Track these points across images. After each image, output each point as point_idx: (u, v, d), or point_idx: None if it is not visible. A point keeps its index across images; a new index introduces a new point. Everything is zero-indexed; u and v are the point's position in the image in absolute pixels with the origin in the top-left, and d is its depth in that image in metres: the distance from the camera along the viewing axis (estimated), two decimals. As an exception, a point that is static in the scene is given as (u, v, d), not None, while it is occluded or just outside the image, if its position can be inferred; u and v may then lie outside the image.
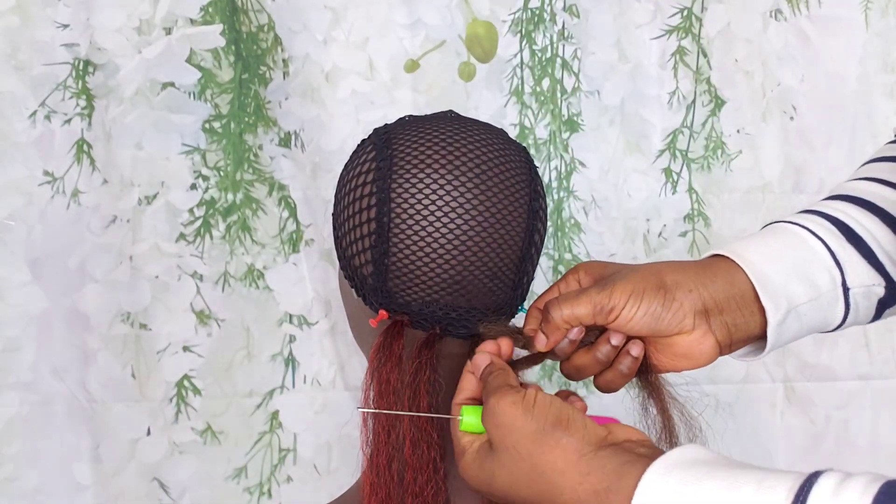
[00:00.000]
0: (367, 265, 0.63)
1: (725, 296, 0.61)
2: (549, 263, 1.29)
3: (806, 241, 0.64)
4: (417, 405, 0.60)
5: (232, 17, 1.18)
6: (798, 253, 0.63)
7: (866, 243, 0.64)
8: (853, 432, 1.36)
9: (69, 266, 1.17)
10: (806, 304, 0.62)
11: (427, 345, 0.62)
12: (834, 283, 0.63)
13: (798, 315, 0.62)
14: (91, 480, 1.18)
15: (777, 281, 0.61)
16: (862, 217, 0.66)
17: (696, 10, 1.30)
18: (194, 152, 1.19)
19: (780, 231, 0.66)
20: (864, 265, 0.64)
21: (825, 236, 0.64)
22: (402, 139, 0.63)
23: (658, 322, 0.60)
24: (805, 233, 0.65)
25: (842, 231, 0.65)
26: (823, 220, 0.66)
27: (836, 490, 0.42)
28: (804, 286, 0.62)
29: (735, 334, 0.61)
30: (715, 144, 1.32)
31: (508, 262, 0.63)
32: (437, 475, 0.60)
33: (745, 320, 0.61)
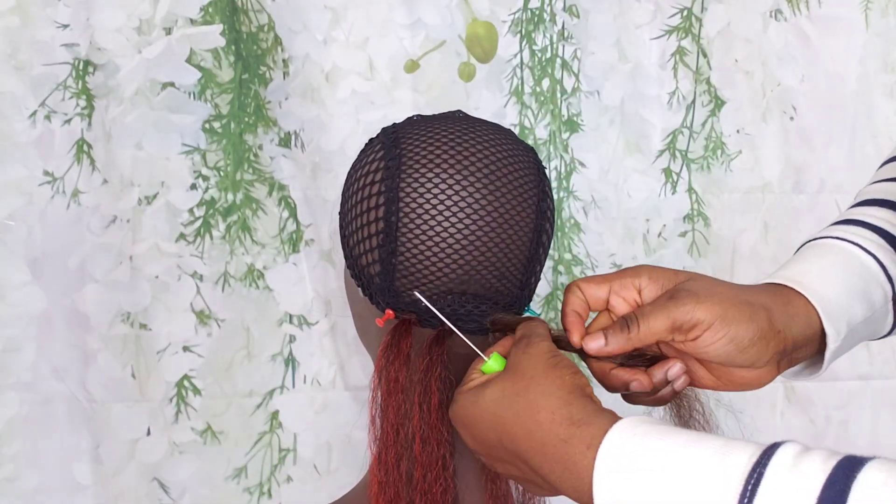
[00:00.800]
0: (375, 264, 0.62)
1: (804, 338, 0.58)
2: (549, 263, 1.29)
3: (860, 260, 0.62)
4: (429, 402, 0.60)
5: (232, 17, 1.18)
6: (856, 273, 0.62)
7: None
8: (853, 432, 1.36)
9: (69, 266, 1.17)
10: (862, 323, 0.61)
11: (437, 342, 0.62)
12: (886, 298, 0.62)
13: (853, 332, 0.60)
14: (91, 480, 1.18)
15: (839, 306, 0.59)
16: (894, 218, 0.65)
17: (696, 11, 1.30)
18: (194, 152, 1.19)
19: (833, 250, 0.63)
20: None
21: (876, 252, 0.63)
22: (410, 139, 0.62)
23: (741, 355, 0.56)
24: (857, 250, 0.63)
25: (888, 241, 0.64)
26: (867, 230, 0.64)
27: (795, 460, 0.42)
28: (862, 305, 0.60)
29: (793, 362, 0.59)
30: (715, 144, 1.32)
31: (516, 261, 0.62)
32: (447, 472, 0.60)
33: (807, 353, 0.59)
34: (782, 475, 0.42)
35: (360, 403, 1.24)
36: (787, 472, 0.42)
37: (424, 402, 0.60)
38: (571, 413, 0.51)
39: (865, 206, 0.67)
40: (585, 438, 0.49)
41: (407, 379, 0.61)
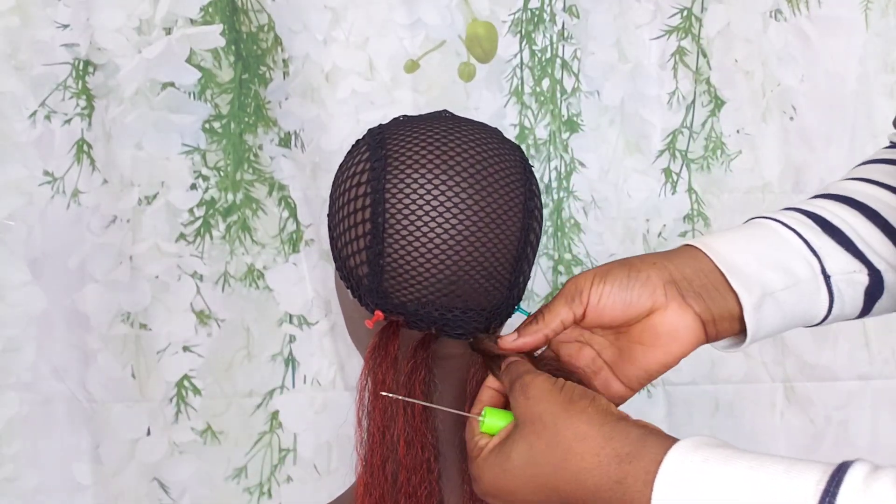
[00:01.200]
0: (363, 266, 0.62)
1: (692, 269, 0.60)
2: (549, 263, 1.29)
3: (777, 232, 0.63)
4: (413, 406, 0.60)
5: (232, 17, 1.18)
6: (769, 243, 0.63)
7: (843, 233, 0.64)
8: (853, 432, 1.36)
9: (69, 266, 1.17)
10: (784, 291, 0.61)
11: (423, 345, 0.62)
12: (813, 272, 0.62)
13: (777, 302, 0.61)
14: (91, 480, 1.18)
15: (747, 269, 0.60)
16: (840, 211, 0.66)
17: (695, 11, 1.30)
18: (194, 152, 1.19)
19: (752, 225, 0.66)
20: (842, 252, 0.63)
21: (798, 227, 0.64)
22: (396, 139, 0.62)
23: (627, 294, 0.58)
24: (777, 224, 0.64)
25: (817, 223, 0.64)
26: (799, 213, 0.66)
27: (866, 481, 0.42)
28: (779, 273, 0.61)
29: (713, 308, 0.59)
30: (715, 144, 1.32)
31: (504, 261, 0.62)
32: (431, 475, 0.60)
33: (720, 295, 0.59)
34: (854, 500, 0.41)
35: (360, 403, 1.24)
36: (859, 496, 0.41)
37: (409, 406, 0.61)
38: (616, 449, 0.50)
39: (813, 198, 0.68)
40: (640, 475, 0.48)
41: (394, 381, 0.61)
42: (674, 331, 0.59)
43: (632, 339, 0.61)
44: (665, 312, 0.59)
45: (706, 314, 0.59)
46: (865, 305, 0.65)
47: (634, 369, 0.61)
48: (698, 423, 1.33)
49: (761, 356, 1.33)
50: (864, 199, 0.66)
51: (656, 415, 1.32)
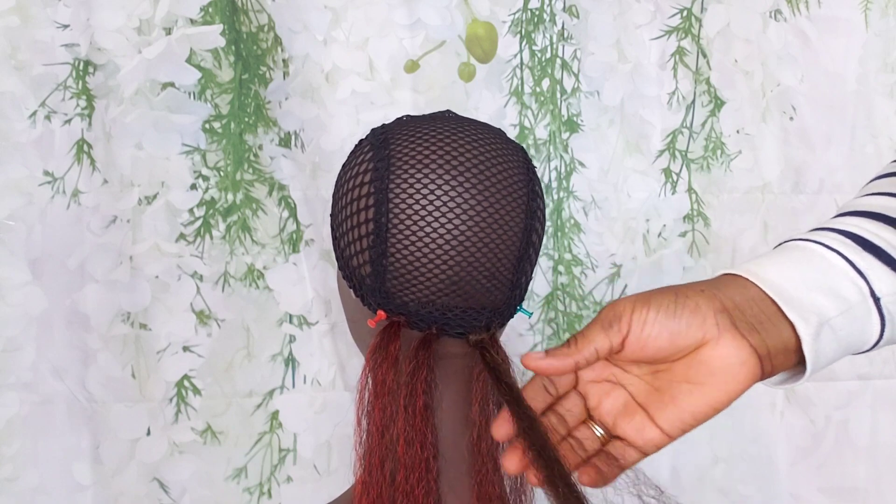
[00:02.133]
0: (366, 265, 0.62)
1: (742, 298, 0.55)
2: (549, 263, 1.29)
3: (821, 255, 0.59)
4: (414, 405, 0.60)
5: (232, 17, 1.18)
6: (816, 266, 0.58)
7: (885, 252, 0.59)
8: (853, 432, 1.36)
9: (69, 266, 1.17)
10: (838, 318, 0.56)
11: (424, 345, 0.62)
12: (862, 294, 0.57)
13: (833, 330, 0.56)
14: (91, 480, 1.19)
15: (799, 295, 0.56)
16: (876, 228, 0.61)
17: (695, 11, 1.30)
18: (194, 152, 1.19)
19: (789, 248, 0.60)
20: (888, 272, 0.58)
21: (840, 248, 0.59)
22: (399, 139, 0.62)
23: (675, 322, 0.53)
24: (819, 247, 0.59)
25: (857, 242, 0.60)
26: (836, 234, 0.61)
27: None
28: (831, 299, 0.56)
29: (769, 340, 0.54)
30: (714, 145, 1.32)
31: (506, 261, 0.62)
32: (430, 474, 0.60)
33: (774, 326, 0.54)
34: None
35: (360, 403, 1.24)
36: None
37: (409, 405, 0.60)
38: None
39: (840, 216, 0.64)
40: None
41: (394, 381, 0.61)
42: (728, 366, 0.53)
43: (675, 376, 0.55)
44: (717, 345, 0.53)
45: (762, 347, 0.54)
46: None
47: (678, 412, 0.55)
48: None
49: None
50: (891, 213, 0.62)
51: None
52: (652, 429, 0.56)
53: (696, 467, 1.32)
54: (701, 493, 1.33)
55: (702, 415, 0.55)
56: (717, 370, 0.53)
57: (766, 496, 1.34)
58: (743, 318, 0.54)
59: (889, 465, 1.37)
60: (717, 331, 0.53)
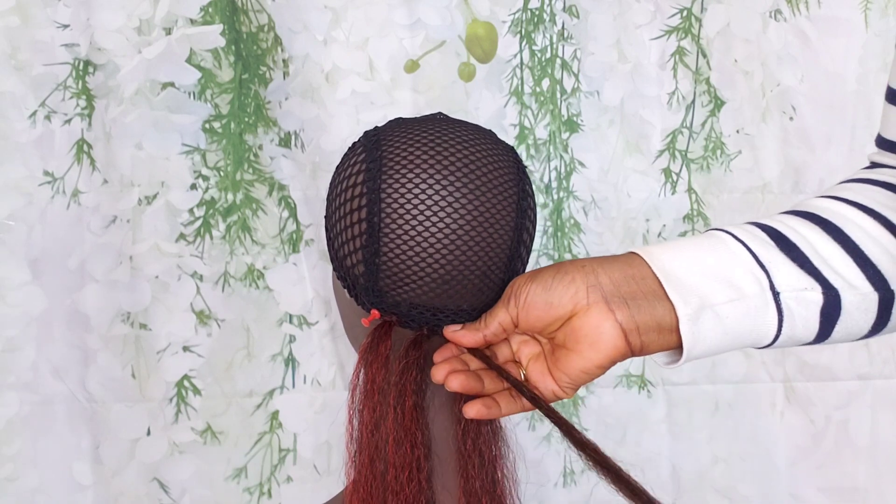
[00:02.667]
0: (359, 265, 0.63)
1: (622, 275, 0.59)
2: (549, 263, 1.29)
3: (725, 243, 0.61)
4: (403, 405, 0.61)
5: (232, 17, 1.18)
6: (716, 254, 0.60)
7: (798, 248, 0.60)
8: (853, 432, 1.36)
9: (69, 266, 1.17)
10: (726, 305, 0.58)
11: (415, 345, 0.63)
12: (761, 287, 0.58)
13: (717, 316, 0.57)
14: (91, 480, 1.19)
15: (687, 279, 0.58)
16: (800, 226, 0.62)
17: (695, 11, 1.30)
18: (194, 152, 1.19)
19: (702, 236, 0.63)
20: (794, 268, 0.59)
21: (747, 240, 0.60)
22: (391, 141, 0.63)
23: (549, 294, 0.59)
24: (727, 236, 0.61)
25: (771, 236, 0.61)
26: (754, 227, 0.62)
27: None
28: (722, 286, 0.58)
29: (638, 316, 0.57)
30: (714, 145, 1.32)
31: (497, 260, 0.63)
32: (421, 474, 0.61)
33: (649, 303, 0.57)
34: None
35: (360, 403, 1.24)
36: None
37: (399, 405, 0.61)
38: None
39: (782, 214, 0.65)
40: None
41: (384, 381, 0.62)
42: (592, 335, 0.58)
43: (558, 341, 0.61)
44: (585, 315, 0.58)
45: (629, 322, 0.57)
46: (822, 327, 0.60)
47: (561, 374, 0.60)
48: (698, 423, 1.33)
49: (761, 356, 1.33)
50: (829, 217, 0.63)
51: (656, 415, 1.32)
52: (549, 380, 0.61)
53: (696, 467, 1.33)
54: (701, 494, 1.33)
55: (577, 378, 0.60)
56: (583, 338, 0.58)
57: (766, 496, 1.34)
58: (616, 294, 0.58)
59: (889, 465, 1.37)
60: (586, 303, 0.58)
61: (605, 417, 1.31)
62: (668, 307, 0.57)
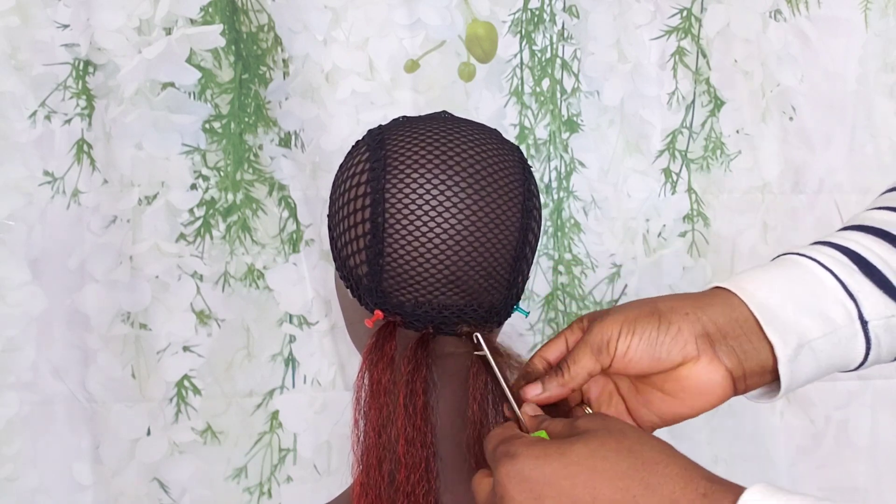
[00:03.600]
0: (363, 265, 0.63)
1: (726, 320, 0.57)
2: (549, 263, 1.29)
3: (814, 273, 0.59)
4: (414, 404, 0.61)
5: (232, 17, 1.18)
6: (806, 286, 0.58)
7: (881, 272, 0.59)
8: (853, 432, 1.36)
9: (69, 266, 1.17)
10: (820, 340, 0.57)
11: (422, 344, 0.63)
12: (850, 317, 0.58)
13: (813, 351, 0.57)
14: (91, 480, 1.18)
15: (783, 315, 0.57)
16: (876, 246, 0.61)
17: (695, 11, 1.30)
18: (194, 152, 1.19)
19: (787, 263, 0.61)
20: (880, 295, 0.58)
21: (834, 267, 0.59)
22: (395, 140, 0.63)
23: (657, 349, 0.56)
24: (813, 264, 0.59)
25: (853, 261, 0.60)
26: (833, 250, 0.61)
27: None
28: (816, 320, 0.57)
29: (746, 363, 0.56)
30: (714, 145, 1.32)
31: (503, 261, 0.63)
32: (430, 474, 0.60)
33: (754, 347, 0.56)
34: None
35: (360, 403, 1.24)
36: None
37: (410, 404, 0.61)
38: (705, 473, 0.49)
39: (844, 230, 0.64)
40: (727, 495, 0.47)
41: (390, 381, 0.61)
42: (700, 386, 0.57)
43: (654, 384, 0.59)
44: (694, 367, 0.56)
45: (738, 370, 0.57)
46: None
47: (648, 414, 0.59)
48: (698, 423, 1.32)
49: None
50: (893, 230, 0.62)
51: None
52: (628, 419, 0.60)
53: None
54: (701, 493, 1.32)
55: (669, 420, 0.59)
56: (690, 388, 0.57)
57: (766, 496, 1.34)
58: (724, 342, 0.57)
59: (889, 465, 1.37)
60: (696, 353, 0.56)
61: (605, 417, 1.31)
62: (769, 349, 0.57)
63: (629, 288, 1.31)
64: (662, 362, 0.57)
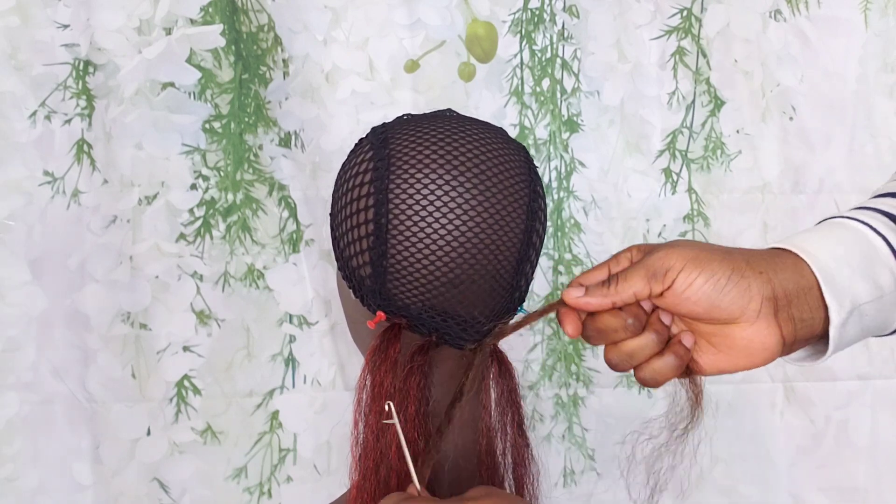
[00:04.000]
0: (366, 266, 0.62)
1: (794, 286, 0.55)
2: (549, 263, 1.29)
3: (868, 238, 0.59)
4: (405, 410, 0.60)
5: (232, 17, 1.18)
6: (862, 249, 0.58)
7: None
8: (853, 432, 1.36)
9: (69, 266, 1.17)
10: (869, 304, 0.57)
11: (421, 351, 0.62)
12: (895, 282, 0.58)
13: (860, 315, 0.57)
14: (91, 480, 1.18)
15: (842, 278, 0.56)
16: None
17: (695, 11, 1.30)
18: (194, 152, 1.19)
19: (841, 226, 0.60)
20: None
21: (887, 233, 0.59)
22: (399, 138, 0.62)
23: (721, 296, 0.54)
24: (866, 229, 0.59)
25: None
26: (880, 215, 0.60)
27: None
28: (868, 285, 0.57)
29: (800, 331, 0.56)
30: (714, 145, 1.32)
31: (506, 263, 0.62)
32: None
33: (811, 316, 0.56)
34: None
35: (360, 403, 1.24)
36: None
37: (401, 411, 0.60)
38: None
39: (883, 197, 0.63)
40: None
41: (392, 384, 0.60)
42: (752, 346, 0.55)
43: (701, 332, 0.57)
44: (751, 327, 0.55)
45: (790, 337, 0.56)
46: None
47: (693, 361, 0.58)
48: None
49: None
50: None
51: (657, 415, 1.31)
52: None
53: (695, 467, 1.32)
54: (701, 493, 1.33)
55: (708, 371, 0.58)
56: (740, 346, 0.55)
57: (766, 496, 1.34)
58: (787, 308, 0.55)
59: (889, 465, 1.36)
60: (756, 316, 0.54)
61: (606, 417, 1.31)
62: (824, 314, 0.56)
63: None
64: (721, 311, 0.54)
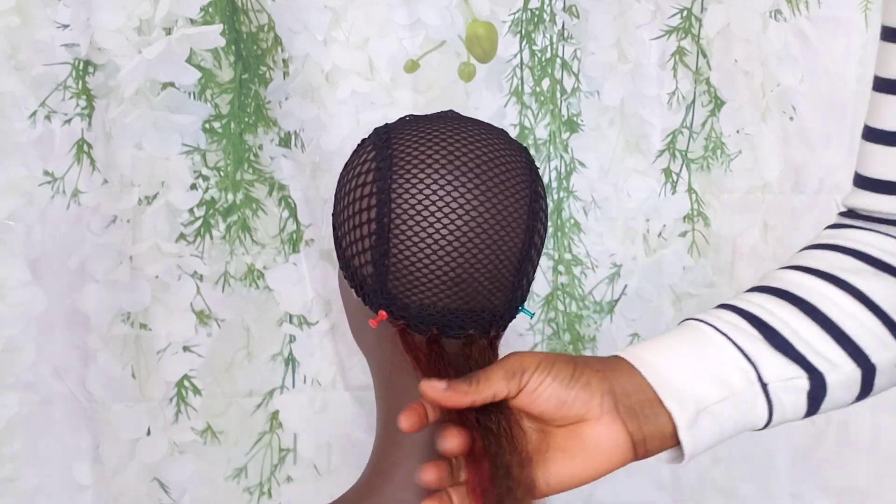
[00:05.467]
0: (368, 266, 0.62)
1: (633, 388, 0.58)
2: (549, 263, 1.29)
3: (710, 339, 0.61)
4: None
5: (232, 17, 1.18)
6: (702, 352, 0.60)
7: (781, 335, 0.61)
8: (853, 432, 1.36)
9: (69, 266, 1.17)
10: (719, 404, 0.59)
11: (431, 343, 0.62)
12: (749, 381, 0.59)
13: (712, 416, 0.58)
14: (91, 480, 1.18)
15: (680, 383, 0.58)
16: (778, 308, 0.62)
17: (695, 11, 1.30)
18: (194, 152, 1.19)
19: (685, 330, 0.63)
20: (779, 357, 0.60)
21: (730, 332, 0.61)
22: (402, 139, 0.62)
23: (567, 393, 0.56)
24: (710, 330, 0.61)
25: (753, 324, 0.61)
26: (734, 314, 0.62)
27: None
28: (714, 386, 0.59)
29: (645, 427, 0.57)
30: (714, 145, 1.32)
31: (508, 263, 0.62)
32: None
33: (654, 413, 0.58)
34: None
35: (360, 403, 1.24)
36: None
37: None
38: None
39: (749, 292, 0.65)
40: None
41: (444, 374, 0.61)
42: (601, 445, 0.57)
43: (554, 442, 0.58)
44: (596, 424, 0.57)
45: (638, 434, 0.57)
46: (810, 408, 0.62)
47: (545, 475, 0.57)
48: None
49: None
50: (804, 294, 0.63)
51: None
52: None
53: (696, 467, 1.33)
54: (701, 493, 1.33)
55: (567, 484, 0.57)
56: (590, 447, 0.57)
57: (766, 496, 1.34)
58: (627, 404, 0.57)
59: (889, 465, 1.37)
60: (599, 411, 0.56)
61: (605, 417, 1.31)
62: (667, 416, 0.58)
63: (629, 288, 1.31)
64: (569, 407, 0.56)
